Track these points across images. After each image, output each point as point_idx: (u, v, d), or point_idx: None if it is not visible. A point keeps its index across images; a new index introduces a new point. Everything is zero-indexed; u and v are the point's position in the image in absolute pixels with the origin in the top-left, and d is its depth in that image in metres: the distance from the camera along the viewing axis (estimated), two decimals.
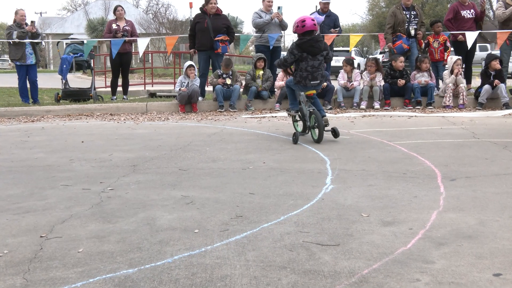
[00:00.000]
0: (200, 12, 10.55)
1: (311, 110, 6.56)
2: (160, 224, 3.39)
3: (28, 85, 10.98)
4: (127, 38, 10.90)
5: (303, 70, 6.58)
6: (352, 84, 10.11)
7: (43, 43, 10.93)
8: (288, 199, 3.91)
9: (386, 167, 4.93)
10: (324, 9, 11.08)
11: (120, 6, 11.50)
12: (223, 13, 10.66)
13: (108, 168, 5.11)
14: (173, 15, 40.41)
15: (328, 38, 10.83)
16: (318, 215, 3.51)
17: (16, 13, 10.74)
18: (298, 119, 6.99)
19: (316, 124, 6.43)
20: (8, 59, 57.71)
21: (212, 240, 3.07)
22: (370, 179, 4.48)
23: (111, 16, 11.44)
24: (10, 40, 10.54)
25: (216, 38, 10.19)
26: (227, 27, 10.45)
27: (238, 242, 3.04)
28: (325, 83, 9.97)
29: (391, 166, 4.99)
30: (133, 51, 12.13)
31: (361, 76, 10.37)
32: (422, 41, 10.49)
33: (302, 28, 6.55)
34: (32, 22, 10.80)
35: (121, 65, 11.26)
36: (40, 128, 8.07)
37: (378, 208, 3.66)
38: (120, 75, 11.43)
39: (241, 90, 10.49)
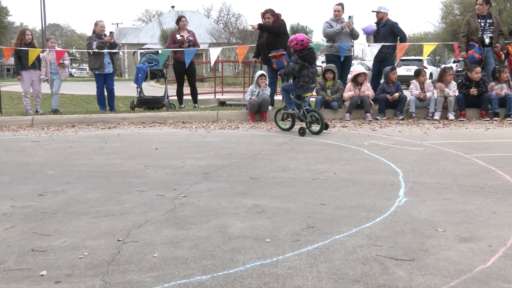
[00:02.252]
0: None
1: (308, 108, 8.24)
2: (232, 232, 3.42)
3: (105, 93, 11.45)
4: (198, 48, 11.15)
5: (305, 77, 8.00)
6: (425, 95, 9.88)
7: (120, 53, 11.36)
8: (360, 211, 3.85)
9: (463, 181, 4.76)
10: (378, 19, 10.81)
11: (184, 17, 11.77)
12: (279, 18, 10.33)
13: (181, 175, 5.23)
14: (244, 25, 40.86)
15: (401, 48, 10.64)
16: (391, 229, 3.43)
17: (96, 24, 11.25)
18: (286, 117, 8.65)
19: (315, 119, 8.05)
20: (86, 68, 60.43)
21: (284, 250, 3.07)
22: (445, 193, 4.34)
23: None
24: (90, 50, 11.03)
25: (270, 55, 10.07)
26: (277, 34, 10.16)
27: (310, 253, 3.03)
28: (396, 94, 9.82)
29: (467, 179, 4.82)
30: (198, 60, 12.35)
31: (434, 86, 10.11)
32: (501, 53, 10.08)
33: (301, 46, 7.97)
34: (110, 33, 11.27)
35: (187, 75, 11.50)
36: (117, 135, 8.37)
37: (454, 223, 3.54)
38: (187, 84, 11.68)
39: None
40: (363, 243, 3.17)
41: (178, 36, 11.23)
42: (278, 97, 11.62)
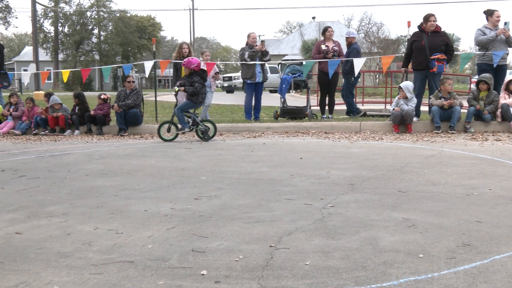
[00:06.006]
0: (418, 30, 10.37)
1: (198, 119, 9.70)
2: (383, 245, 3.38)
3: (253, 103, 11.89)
4: (343, 59, 11.16)
5: (203, 94, 9.65)
6: None
7: (266, 64, 11.75)
8: None
9: None
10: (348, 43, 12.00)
11: (330, 27, 11.84)
12: (442, 30, 10.32)
13: (327, 185, 5.27)
14: (385, 34, 40.09)
15: None
16: None
17: (248, 36, 11.79)
18: (169, 129, 9.85)
19: (206, 128, 9.47)
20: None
21: (439, 267, 2.97)
22: None
23: None
24: (241, 62, 11.54)
25: (432, 57, 9.89)
26: (445, 44, 10.08)
27: (468, 272, 2.89)
28: None
29: None
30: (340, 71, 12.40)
31: None
32: None
33: (198, 68, 9.52)
34: (262, 41, 11.76)
35: (329, 85, 11.55)
36: (262, 144, 8.65)
37: None
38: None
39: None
40: None
41: (323, 47, 11.35)
42: (424, 108, 11.23)
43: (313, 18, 57.68)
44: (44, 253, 3.36)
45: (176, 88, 9.80)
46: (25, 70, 26.49)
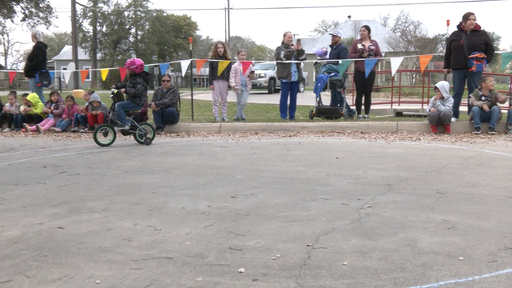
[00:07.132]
0: (457, 29, 10.20)
1: (136, 123, 9.37)
2: (422, 246, 3.34)
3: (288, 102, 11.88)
4: (380, 58, 11.04)
5: (145, 96, 9.40)
6: None
7: (302, 64, 11.71)
8: None
9: None
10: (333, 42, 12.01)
11: (365, 26, 11.74)
12: (481, 29, 10.12)
13: (364, 185, 5.23)
14: (423, 33, 39.46)
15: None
16: None
17: (284, 35, 11.80)
18: (107, 133, 9.11)
19: (144, 132, 9.23)
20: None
21: (480, 270, 2.92)
22: None
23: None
24: (275, 61, 11.53)
25: (471, 56, 9.70)
26: (485, 43, 9.88)
27: (510, 275, 2.83)
28: None
29: None
30: (377, 70, 12.32)
31: None
32: None
33: (140, 70, 9.22)
34: (298, 40, 11.75)
35: (365, 84, 11.46)
36: (297, 143, 8.63)
37: None
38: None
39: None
40: None
41: (359, 46, 11.27)
42: (463, 108, 11.02)
43: (349, 17, 57.43)
44: (86, 248, 3.44)
45: (115, 91, 9.20)
46: (64, 69, 27.08)
